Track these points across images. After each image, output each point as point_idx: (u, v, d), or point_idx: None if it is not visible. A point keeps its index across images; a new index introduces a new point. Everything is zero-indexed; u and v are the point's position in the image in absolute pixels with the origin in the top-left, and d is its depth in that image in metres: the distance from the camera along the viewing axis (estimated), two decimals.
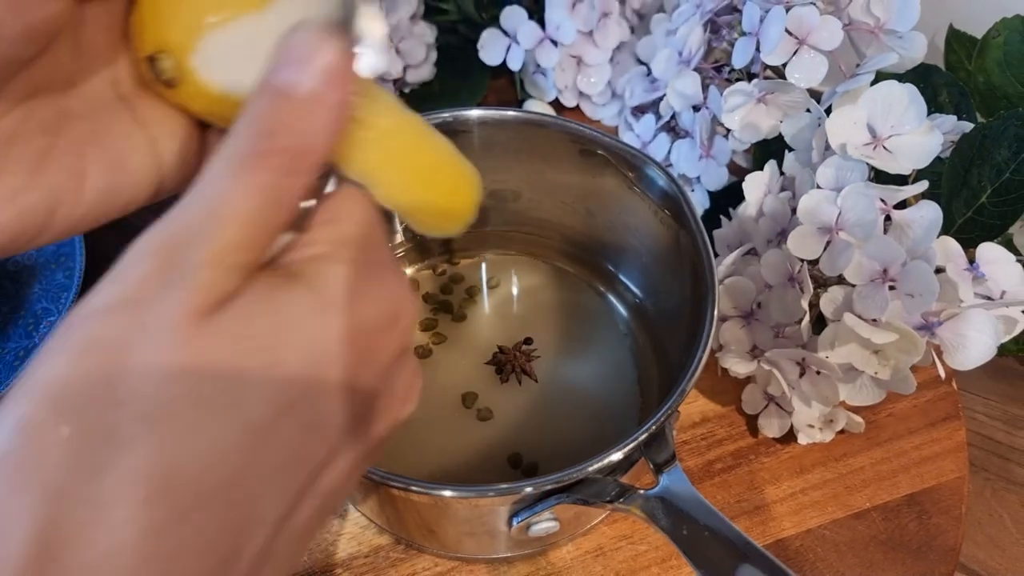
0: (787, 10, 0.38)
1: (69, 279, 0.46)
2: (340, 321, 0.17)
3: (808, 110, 0.39)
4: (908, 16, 0.37)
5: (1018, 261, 0.31)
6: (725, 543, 0.26)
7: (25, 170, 0.17)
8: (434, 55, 0.55)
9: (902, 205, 0.32)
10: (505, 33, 0.51)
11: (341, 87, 0.16)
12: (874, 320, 0.31)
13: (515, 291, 0.45)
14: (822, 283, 0.35)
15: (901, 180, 0.34)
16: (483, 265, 0.46)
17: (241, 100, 0.16)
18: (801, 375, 0.36)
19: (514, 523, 0.30)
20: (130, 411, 0.14)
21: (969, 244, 0.31)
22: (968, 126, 0.37)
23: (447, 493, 0.28)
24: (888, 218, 0.32)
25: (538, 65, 0.52)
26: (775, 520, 0.38)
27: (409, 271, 0.45)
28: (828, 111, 0.35)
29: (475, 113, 0.39)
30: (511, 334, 0.42)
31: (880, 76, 0.35)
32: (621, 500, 0.28)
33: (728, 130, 0.42)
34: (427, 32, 0.53)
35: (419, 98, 0.55)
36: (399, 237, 0.44)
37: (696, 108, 0.44)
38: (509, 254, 0.46)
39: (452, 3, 0.56)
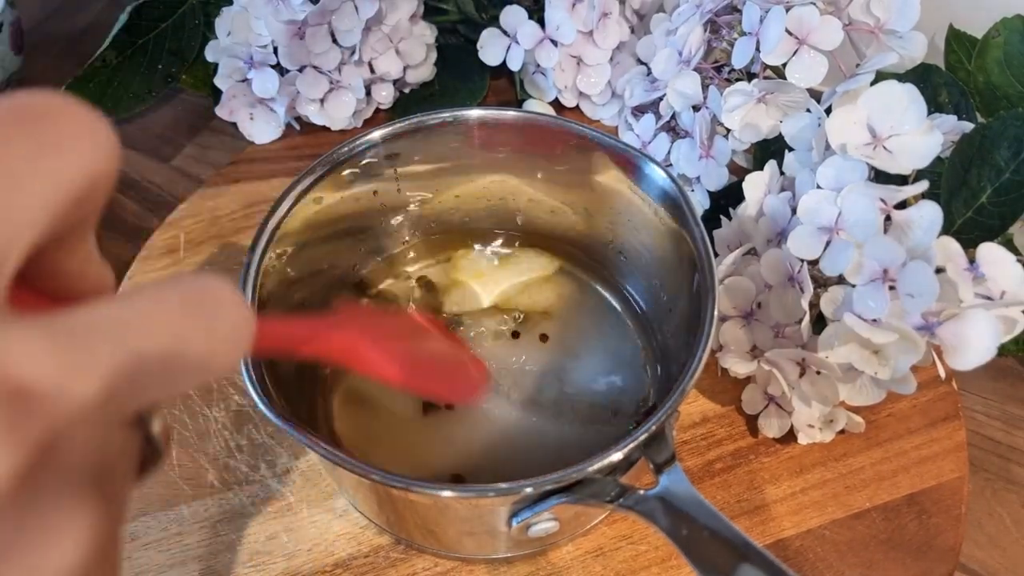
0: (787, 10, 0.38)
1: None
2: None
3: (808, 110, 0.39)
4: (908, 16, 0.37)
5: (1018, 261, 0.31)
6: (725, 543, 0.26)
7: None
8: (434, 55, 0.55)
9: (902, 205, 0.32)
10: (505, 33, 0.51)
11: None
12: (874, 320, 0.31)
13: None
14: (822, 283, 0.35)
15: (901, 180, 0.34)
16: (483, 264, 0.46)
17: None
18: (801, 375, 0.36)
19: (514, 523, 0.30)
20: None
21: (969, 244, 0.31)
22: (968, 126, 0.37)
23: (447, 493, 0.28)
24: (888, 218, 0.32)
25: (538, 65, 0.52)
26: (775, 520, 0.38)
27: (409, 271, 0.45)
28: (828, 111, 0.35)
29: (475, 113, 0.39)
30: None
31: (880, 76, 0.35)
32: (621, 500, 0.28)
33: (728, 130, 0.42)
34: (427, 32, 0.53)
35: (419, 98, 0.55)
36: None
37: (696, 108, 0.44)
38: (508, 254, 0.46)
39: (452, 3, 0.56)
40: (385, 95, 0.54)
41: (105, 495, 0.14)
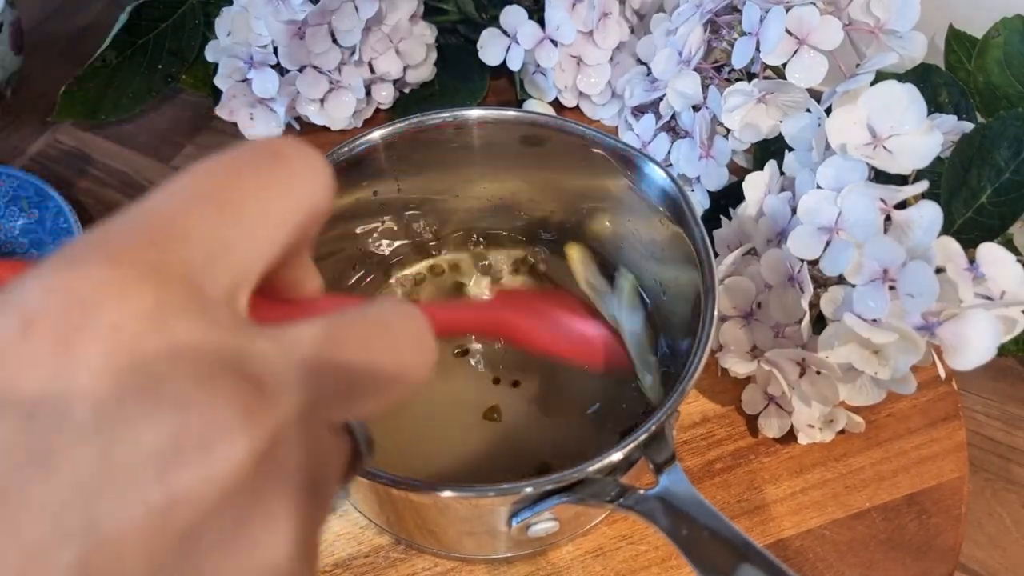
0: (787, 10, 0.38)
1: None
2: None
3: (808, 110, 0.39)
4: (908, 16, 0.37)
5: (1018, 261, 0.31)
6: (725, 543, 0.26)
7: None
8: (434, 55, 0.55)
9: (902, 205, 0.32)
10: (505, 33, 0.51)
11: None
12: (874, 320, 0.31)
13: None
14: (822, 283, 0.35)
15: (901, 180, 0.34)
16: (483, 265, 0.46)
17: None
18: (801, 375, 0.36)
19: (514, 523, 0.30)
20: None
21: (969, 244, 0.31)
22: (968, 126, 0.37)
23: (447, 493, 0.28)
24: (888, 218, 0.32)
25: (538, 65, 0.52)
26: (775, 520, 0.38)
27: (410, 271, 0.45)
28: (828, 111, 0.35)
29: (475, 113, 0.39)
30: None
31: (880, 76, 0.35)
32: (621, 500, 0.28)
33: (728, 130, 0.42)
34: (427, 32, 0.53)
35: (419, 98, 0.55)
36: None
37: (696, 108, 0.44)
38: (509, 253, 0.46)
39: (452, 3, 0.56)
40: (385, 95, 0.54)
41: (314, 495, 0.15)
